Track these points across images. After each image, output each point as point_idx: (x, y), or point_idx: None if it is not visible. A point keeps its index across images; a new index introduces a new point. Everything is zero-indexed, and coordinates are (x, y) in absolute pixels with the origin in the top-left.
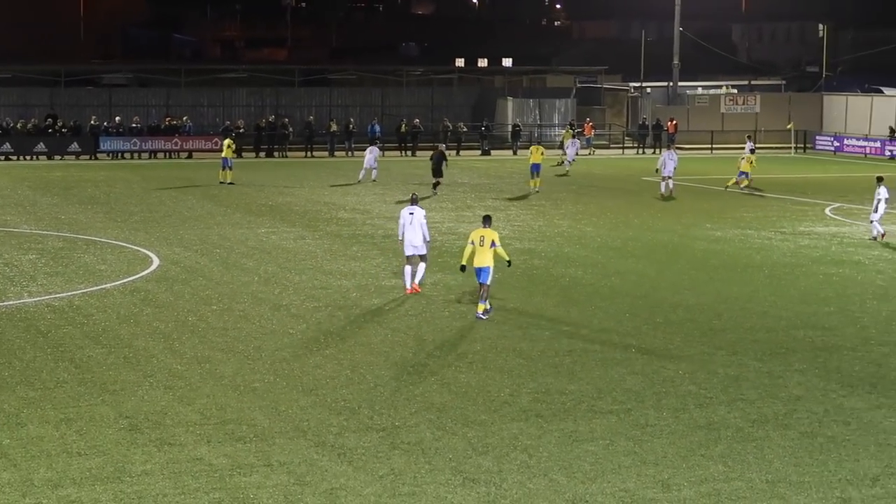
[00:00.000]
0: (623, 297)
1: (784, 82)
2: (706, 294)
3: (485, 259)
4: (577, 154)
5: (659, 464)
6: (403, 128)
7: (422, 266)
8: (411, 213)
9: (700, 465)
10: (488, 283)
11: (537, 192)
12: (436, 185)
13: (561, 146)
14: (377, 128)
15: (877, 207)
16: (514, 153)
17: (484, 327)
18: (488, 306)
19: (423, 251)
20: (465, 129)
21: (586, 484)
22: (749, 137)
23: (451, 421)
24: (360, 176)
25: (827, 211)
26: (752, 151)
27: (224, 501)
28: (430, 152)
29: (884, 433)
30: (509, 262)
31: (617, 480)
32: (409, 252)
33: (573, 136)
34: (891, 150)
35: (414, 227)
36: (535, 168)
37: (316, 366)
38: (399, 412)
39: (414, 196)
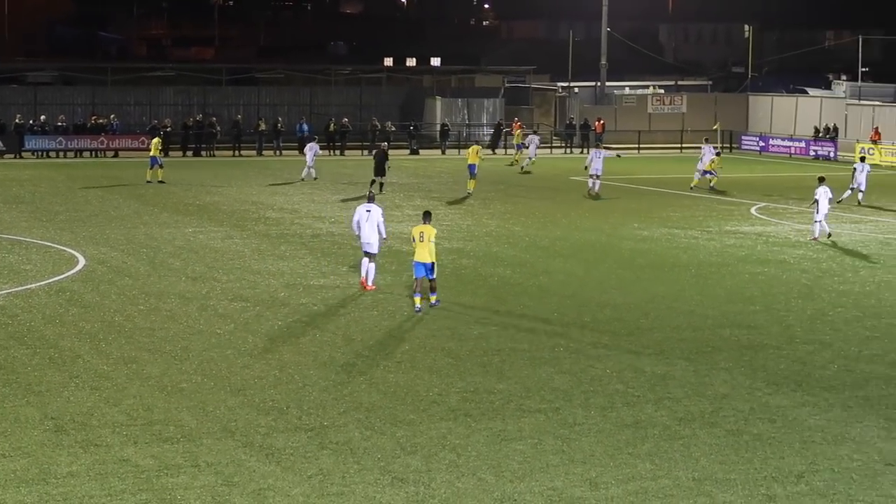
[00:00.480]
0: (551, 296)
1: (710, 83)
2: (633, 293)
3: (426, 254)
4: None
5: (587, 462)
6: (332, 127)
7: (372, 266)
8: (368, 211)
9: (627, 463)
10: (433, 277)
11: (469, 194)
12: (375, 184)
13: (496, 145)
14: (305, 127)
15: (818, 207)
16: (443, 153)
17: (412, 327)
18: (435, 298)
19: (375, 250)
20: (393, 129)
21: (514, 483)
22: (706, 140)
23: (380, 421)
24: (313, 175)
25: (753, 210)
26: (719, 154)
27: (151, 502)
28: (360, 151)
29: (808, 430)
30: (433, 263)
31: (545, 479)
32: (365, 249)
33: (534, 132)
34: (815, 150)
35: (371, 225)
36: (471, 169)
37: (244, 366)
38: (327, 412)
39: (371, 194)
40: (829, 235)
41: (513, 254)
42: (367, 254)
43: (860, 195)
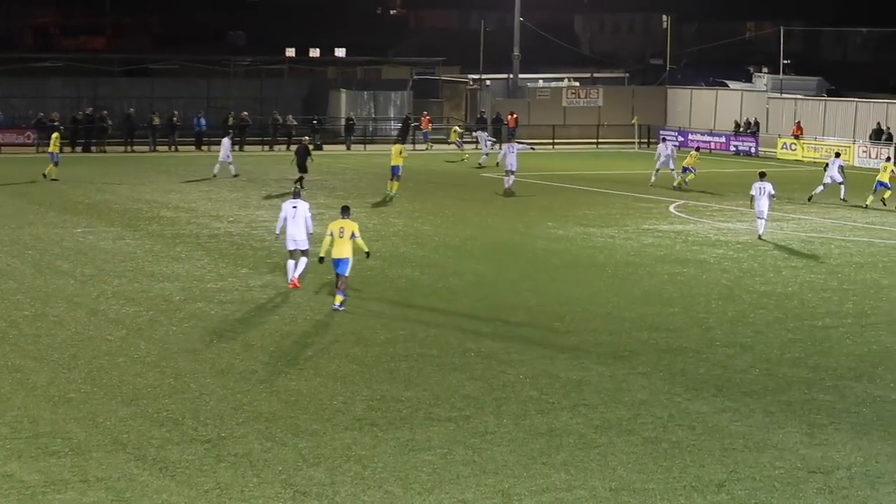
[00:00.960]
0: (461, 298)
1: (627, 75)
2: (547, 295)
3: (344, 250)
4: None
5: (499, 473)
6: (231, 121)
7: (303, 260)
8: (294, 207)
9: (541, 473)
10: (347, 274)
11: (392, 197)
12: (300, 181)
13: (404, 140)
14: (203, 121)
15: (756, 204)
16: (348, 148)
17: (315, 332)
18: (342, 299)
19: (305, 246)
20: (295, 123)
21: (423, 495)
22: (664, 140)
23: (281, 431)
24: (232, 171)
25: (671, 208)
26: (698, 149)
27: None
28: (260, 147)
29: (729, 437)
30: (368, 253)
31: (455, 491)
32: (290, 247)
33: (481, 129)
34: (736, 146)
35: (297, 222)
36: (395, 170)
37: (136, 374)
38: (225, 423)
39: (297, 189)
40: (760, 237)
41: (421, 254)
42: (292, 252)
43: (842, 190)
